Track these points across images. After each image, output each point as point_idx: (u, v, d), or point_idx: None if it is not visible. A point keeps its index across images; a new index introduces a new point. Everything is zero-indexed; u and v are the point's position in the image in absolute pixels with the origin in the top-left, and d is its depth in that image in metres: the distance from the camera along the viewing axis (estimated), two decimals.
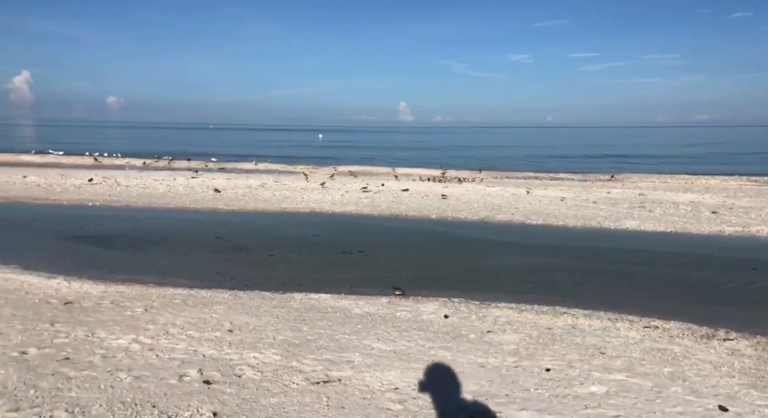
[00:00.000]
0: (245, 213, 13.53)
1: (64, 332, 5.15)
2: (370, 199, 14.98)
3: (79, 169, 23.29)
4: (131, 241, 10.22)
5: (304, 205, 14.28)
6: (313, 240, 10.39)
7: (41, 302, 6.21)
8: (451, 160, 35.01)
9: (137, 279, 7.57)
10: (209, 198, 15.30)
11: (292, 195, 15.86)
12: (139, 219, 12.44)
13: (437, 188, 17.30)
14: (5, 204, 13.99)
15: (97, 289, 6.92)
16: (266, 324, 5.48)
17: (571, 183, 19.10)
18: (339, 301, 6.38)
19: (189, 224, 11.98)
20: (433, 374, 4.01)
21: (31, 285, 6.97)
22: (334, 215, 13.24)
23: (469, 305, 5.98)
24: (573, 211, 12.57)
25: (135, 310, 5.97)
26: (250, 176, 21.12)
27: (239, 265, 8.60)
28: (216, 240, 10.37)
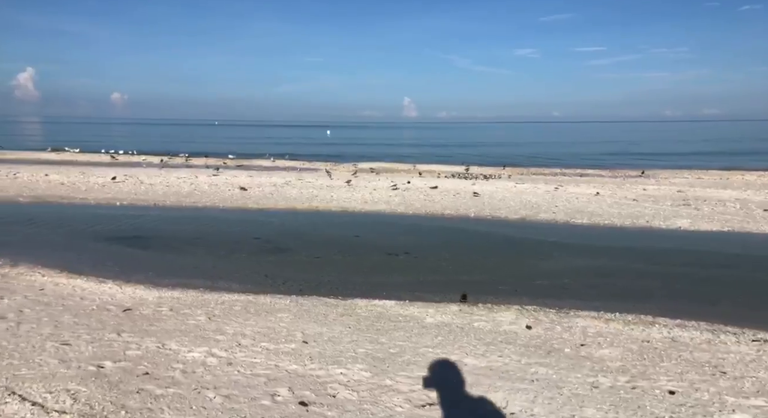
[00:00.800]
0: (276, 212, 13.28)
1: (134, 343, 4.92)
2: (401, 198, 14.69)
3: (98, 166, 23.12)
4: (169, 242, 9.99)
5: (335, 204, 14.01)
6: (354, 241, 10.12)
7: (99, 308, 5.98)
8: (467, 156, 34.63)
9: (187, 283, 7.34)
10: (237, 197, 15.07)
11: (320, 193, 15.58)
12: (170, 219, 12.23)
13: (466, 186, 16.97)
14: (35, 203, 13.82)
15: (151, 294, 6.69)
16: (340, 335, 5.22)
17: (602, 180, 18.69)
18: (406, 308, 6.10)
19: (223, 224, 11.74)
20: (547, 396, 3.72)
21: (84, 290, 6.76)
22: (368, 214, 12.96)
23: (548, 314, 5.69)
24: (616, 209, 12.22)
25: (197, 318, 5.73)
26: (271, 174, 20.87)
27: (286, 267, 8.34)
28: (254, 240, 10.13)
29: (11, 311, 5.73)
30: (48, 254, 8.84)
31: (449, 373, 4.23)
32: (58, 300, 6.27)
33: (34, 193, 15.02)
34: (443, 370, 4.26)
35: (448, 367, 4.34)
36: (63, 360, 4.47)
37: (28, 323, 5.37)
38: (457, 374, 4.22)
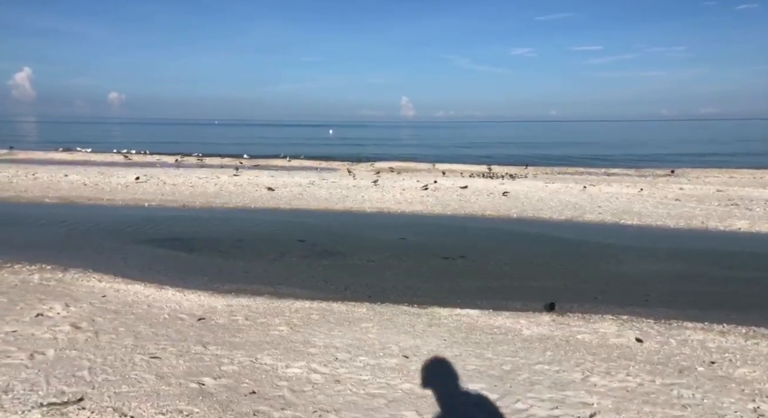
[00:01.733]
0: (310, 213, 12.96)
1: (225, 356, 4.62)
2: (435, 198, 14.39)
3: (113, 166, 22.77)
4: (212, 244, 9.67)
5: (369, 205, 13.70)
6: (401, 244, 9.81)
7: (172, 317, 5.68)
8: (481, 156, 34.34)
9: (248, 289, 7.04)
10: (266, 197, 14.74)
11: (350, 194, 15.26)
12: (205, 220, 11.90)
13: (495, 185, 16.68)
14: (62, 205, 13.47)
15: (217, 301, 6.38)
16: (440, 348, 4.91)
17: (631, 179, 18.43)
18: (494, 318, 5.79)
19: (261, 226, 11.42)
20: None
21: (147, 297, 6.45)
22: (405, 215, 12.65)
23: (651, 325, 5.38)
24: (662, 209, 11.95)
25: (278, 328, 5.43)
26: (292, 174, 20.54)
27: (342, 272, 8.03)
28: (299, 243, 9.81)
29: (84, 320, 5.43)
30: (93, 257, 8.53)
31: (583, 395, 3.92)
32: (126, 308, 5.96)
33: (58, 194, 14.67)
34: (575, 392, 3.96)
35: (579, 388, 4.04)
36: (159, 376, 4.18)
37: (106, 334, 5.07)
38: (592, 396, 3.91)
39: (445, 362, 4.58)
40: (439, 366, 4.51)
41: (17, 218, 11.63)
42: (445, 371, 4.40)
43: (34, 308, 5.81)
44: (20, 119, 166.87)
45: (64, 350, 4.65)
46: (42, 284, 6.83)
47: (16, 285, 6.69)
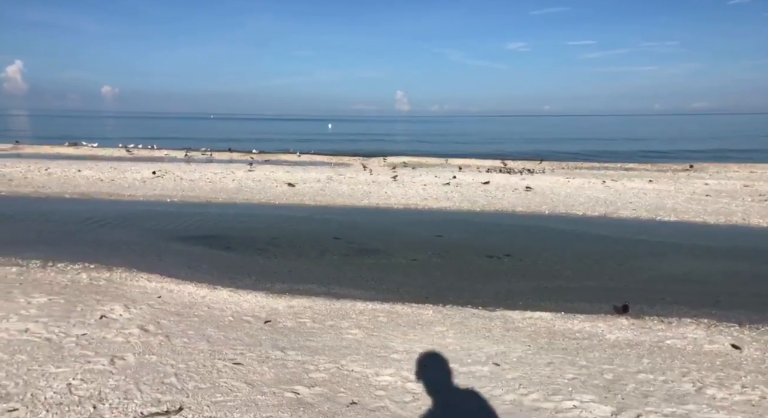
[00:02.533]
0: (336, 209, 12.75)
1: (308, 362, 4.44)
2: (459, 194, 14.21)
3: (123, 162, 22.42)
4: (248, 242, 9.46)
5: (394, 201, 13.50)
6: (440, 241, 9.63)
7: (237, 320, 5.49)
8: (490, 151, 34.13)
9: (301, 289, 6.86)
10: (289, 193, 14.51)
11: (372, 190, 15.06)
12: (233, 216, 11.68)
13: (516, 181, 16.52)
14: (84, 201, 13.18)
15: (277, 303, 6.19)
16: (528, 355, 4.74)
17: (651, 174, 18.33)
18: (570, 322, 5.63)
19: (292, 222, 11.20)
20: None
21: (204, 298, 6.25)
22: (434, 212, 12.47)
23: (741, 331, 5.22)
24: (696, 205, 11.84)
25: (350, 331, 5.26)
26: (307, 169, 20.28)
27: (390, 271, 7.84)
28: (336, 241, 9.63)
29: (149, 323, 5.23)
30: (131, 255, 8.31)
31: (708, 411, 3.75)
32: (186, 310, 5.76)
33: (77, 189, 14.38)
34: (697, 406, 3.78)
35: (699, 401, 3.86)
36: (250, 383, 4.00)
37: (177, 337, 4.89)
38: (721, 412, 3.74)
39: (539, 371, 4.42)
40: (537, 375, 4.34)
41: (43, 214, 11.35)
42: (545, 381, 4.24)
43: (94, 309, 5.61)
44: (14, 113, 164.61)
45: (143, 354, 4.47)
46: (92, 284, 6.63)
47: (67, 286, 6.48)
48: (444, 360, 4.60)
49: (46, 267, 7.44)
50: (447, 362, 4.58)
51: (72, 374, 4.04)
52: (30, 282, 6.60)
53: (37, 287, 6.38)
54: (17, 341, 4.64)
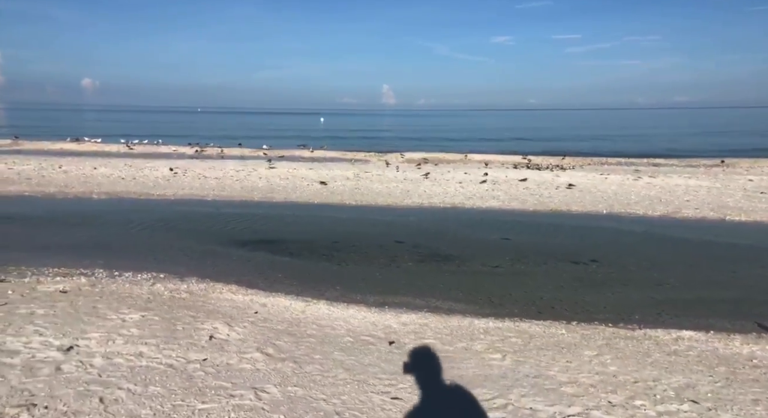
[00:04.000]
0: (382, 209, 12.26)
1: (483, 395, 3.99)
2: (504, 192, 13.85)
3: (135, 158, 21.63)
4: (309, 246, 8.97)
5: (439, 200, 13.07)
6: (511, 245, 9.21)
7: (357, 341, 5.04)
8: (501, 145, 33.85)
9: (397, 302, 6.41)
10: (325, 192, 14.00)
11: (409, 188, 14.61)
12: (279, 217, 11.16)
13: (551, 177, 16.19)
14: (114, 200, 12.52)
15: (385, 319, 5.73)
16: (720, 389, 4.13)
17: (682, 169, 18.18)
18: (729, 344, 5.11)
19: (343, 224, 10.72)
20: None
21: (303, 313, 5.79)
22: (484, 211, 12.05)
23: None
24: (759, 203, 11.59)
25: (492, 356, 4.75)
26: (329, 166, 19.73)
27: (475, 280, 7.38)
28: (399, 245, 9.19)
29: (266, 345, 4.76)
30: (197, 262, 7.79)
31: None
32: (294, 328, 5.30)
33: (102, 189, 13.68)
34: None
35: None
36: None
37: (307, 364, 4.43)
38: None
39: (753, 410, 3.95)
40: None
41: (79, 216, 10.69)
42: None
43: (196, 328, 5.12)
44: None
45: (284, 385, 4.01)
46: (175, 297, 6.13)
47: (150, 299, 5.96)
48: (624, 394, 4.14)
49: (114, 277, 6.90)
50: (633, 397, 4.10)
51: (223, 410, 3.58)
52: (108, 295, 6.07)
53: (120, 300, 5.86)
54: (140, 369, 4.15)
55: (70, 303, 5.73)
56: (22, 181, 14.19)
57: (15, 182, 13.90)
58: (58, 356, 4.36)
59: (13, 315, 5.25)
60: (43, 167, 16.68)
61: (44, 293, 6.08)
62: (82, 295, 6.05)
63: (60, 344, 4.60)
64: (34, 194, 12.76)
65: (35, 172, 15.72)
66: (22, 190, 12.99)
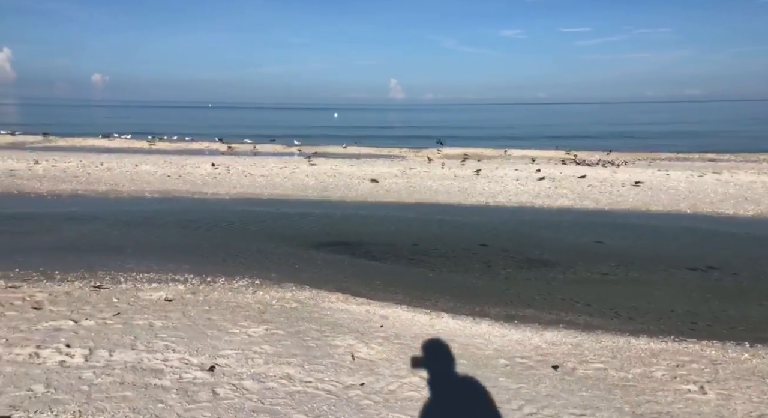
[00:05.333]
0: (447, 208, 11.73)
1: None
2: (569, 190, 13.22)
3: (171, 154, 21.26)
4: (391, 250, 8.49)
5: (504, 199, 12.53)
6: (609, 250, 8.52)
7: (514, 364, 4.50)
8: (533, 140, 33.03)
9: (526, 317, 5.85)
10: (380, 191, 13.51)
11: (466, 185, 14.05)
12: (344, 218, 10.69)
13: (611, 174, 15.47)
14: (170, 199, 12.13)
15: (527, 336, 5.18)
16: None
17: (740, 164, 17.40)
18: None
19: (418, 225, 10.17)
20: None
21: (434, 328, 5.26)
22: (557, 211, 11.45)
23: None
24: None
25: (683, 386, 4.09)
26: (369, 162, 19.17)
27: (592, 290, 6.72)
28: (486, 249, 8.67)
29: (430, 370, 4.27)
30: (285, 268, 7.32)
31: None
32: (435, 346, 4.82)
33: (152, 187, 13.32)
34: None
35: None
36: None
37: (476, 393, 3.94)
38: None
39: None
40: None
41: (140, 216, 10.25)
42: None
43: (329, 344, 4.67)
44: (7, 102, 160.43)
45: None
46: (286, 307, 5.68)
47: (262, 310, 5.52)
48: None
49: (209, 283, 6.47)
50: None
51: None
52: (215, 304, 5.65)
53: (231, 311, 5.43)
54: (299, 395, 3.71)
55: (182, 314, 5.32)
56: (71, 179, 13.87)
57: (64, 180, 13.58)
58: (205, 377, 3.95)
59: (133, 327, 4.86)
60: (85, 165, 16.35)
61: (150, 301, 5.68)
62: (188, 304, 5.63)
63: (199, 363, 4.19)
64: (87, 193, 12.42)
65: (80, 169, 15.40)
66: (74, 189, 12.66)
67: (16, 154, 18.20)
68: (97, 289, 6.08)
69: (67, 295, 5.81)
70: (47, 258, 7.34)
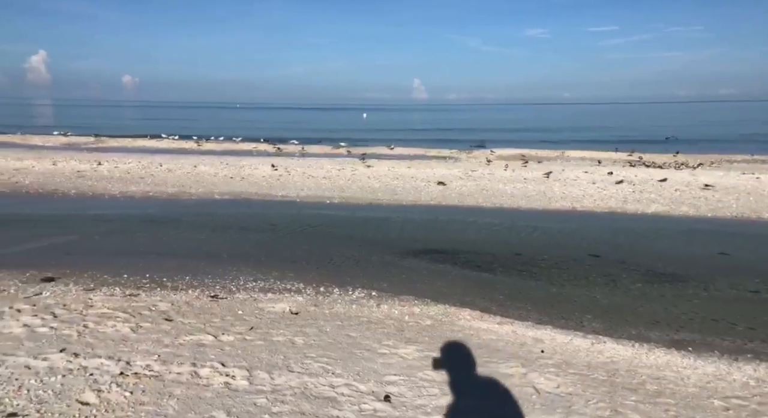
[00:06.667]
0: (532, 214, 11.06)
1: None
2: (658, 194, 12.32)
3: (222, 156, 21.19)
4: (493, 259, 7.84)
5: (591, 203, 11.74)
6: (737, 263, 7.68)
7: (731, 406, 3.88)
8: (572, 140, 31.89)
9: (689, 341, 5.17)
10: (452, 194, 12.91)
11: (542, 189, 13.33)
12: (428, 223, 10.15)
13: (689, 178, 14.50)
14: (239, 202, 11.83)
15: (717, 370, 4.53)
16: None
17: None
18: None
19: (507, 231, 9.52)
20: None
21: (602, 354, 4.63)
22: (659, 218, 10.61)
23: None
24: None
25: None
26: (425, 163, 18.69)
27: (749, 310, 6.00)
28: (598, 260, 7.98)
29: (619, 406, 3.68)
30: (394, 278, 6.81)
31: None
32: (620, 379, 4.14)
33: (219, 189, 13.08)
34: None
35: None
36: None
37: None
38: None
39: None
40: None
41: (219, 219, 9.94)
42: None
43: (499, 373, 4.11)
44: (45, 103, 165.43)
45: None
46: (422, 324, 5.17)
47: (401, 328, 5.02)
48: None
49: (325, 294, 6.02)
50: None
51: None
52: (345, 318, 5.18)
53: (366, 327, 4.95)
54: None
55: (318, 330, 4.87)
56: (137, 180, 13.77)
57: (132, 182, 13.49)
58: (386, 409, 3.47)
59: (275, 344, 4.44)
60: (145, 166, 16.31)
61: (276, 314, 5.27)
62: (318, 318, 5.19)
63: (370, 391, 3.71)
64: (158, 195, 12.25)
65: (141, 170, 15.34)
66: (144, 191, 12.51)
67: (78, 156, 18.34)
68: (214, 299, 5.72)
69: (189, 305, 5.46)
70: (147, 263, 7.05)
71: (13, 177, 13.58)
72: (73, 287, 5.81)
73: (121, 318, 4.88)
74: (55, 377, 3.60)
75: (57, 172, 14.66)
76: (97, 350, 4.13)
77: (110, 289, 5.85)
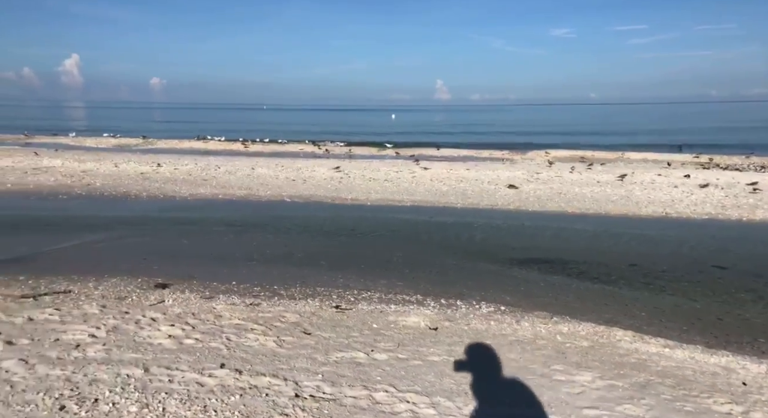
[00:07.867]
0: (623, 220, 10.33)
1: None
2: (757, 199, 11.49)
3: (272, 157, 21.02)
4: (608, 271, 7.23)
5: (686, 209, 10.90)
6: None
7: None
8: (618, 142, 30.59)
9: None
10: (530, 198, 12.21)
11: (622, 193, 12.52)
12: (515, 229, 9.53)
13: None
14: (309, 205, 11.48)
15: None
16: None
17: None
18: None
19: (601, 238, 8.88)
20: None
21: None
22: (759, 225, 9.91)
23: None
24: None
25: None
26: (481, 166, 18.00)
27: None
28: (724, 271, 7.28)
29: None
30: (509, 289, 6.32)
31: None
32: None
33: (287, 192, 12.75)
34: None
35: None
36: None
37: None
38: None
39: None
40: None
41: (295, 223, 9.57)
42: None
43: (711, 411, 3.56)
44: (80, 106, 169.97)
45: None
46: (580, 346, 4.65)
47: (560, 350, 4.50)
48: None
49: (449, 307, 5.56)
50: None
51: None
52: (491, 337, 4.69)
53: (523, 349, 4.44)
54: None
55: (468, 348, 4.41)
56: (201, 182, 13.60)
57: (197, 184, 13.32)
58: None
59: (435, 365, 4.03)
60: (203, 168, 16.18)
61: (415, 330, 4.82)
62: (462, 336, 4.72)
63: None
64: (228, 197, 12.02)
65: (201, 172, 15.20)
66: (213, 193, 12.31)
67: (134, 158, 18.40)
68: (339, 310, 5.32)
69: (317, 316, 5.07)
70: (250, 269, 6.76)
71: (83, 179, 13.58)
72: (190, 295, 5.51)
73: (258, 330, 4.53)
74: (233, 397, 3.25)
75: (121, 174, 14.65)
76: (255, 366, 3.77)
77: (228, 297, 5.53)
